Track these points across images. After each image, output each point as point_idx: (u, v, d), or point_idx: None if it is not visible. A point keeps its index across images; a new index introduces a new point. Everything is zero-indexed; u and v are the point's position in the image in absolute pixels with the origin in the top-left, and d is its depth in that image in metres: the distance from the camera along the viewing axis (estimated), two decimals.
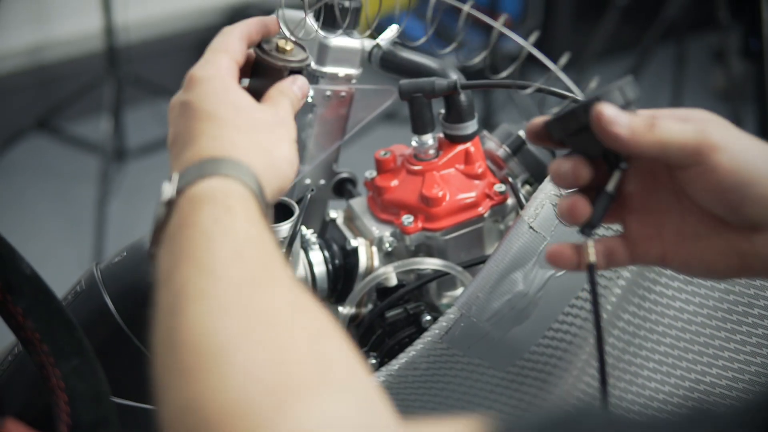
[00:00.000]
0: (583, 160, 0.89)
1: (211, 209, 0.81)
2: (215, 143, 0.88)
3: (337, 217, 1.41)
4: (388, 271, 1.31)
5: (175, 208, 0.83)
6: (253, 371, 0.66)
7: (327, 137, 1.37)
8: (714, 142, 0.82)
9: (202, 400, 0.66)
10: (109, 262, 1.25)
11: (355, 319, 1.35)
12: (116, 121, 3.78)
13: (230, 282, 0.74)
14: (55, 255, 3.61)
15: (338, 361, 0.70)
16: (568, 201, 0.89)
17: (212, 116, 0.91)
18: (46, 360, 0.87)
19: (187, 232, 0.80)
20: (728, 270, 0.87)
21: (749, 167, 0.81)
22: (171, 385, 0.70)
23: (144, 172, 4.00)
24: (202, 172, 0.84)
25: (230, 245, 0.77)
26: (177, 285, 0.75)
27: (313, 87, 1.30)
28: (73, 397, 0.86)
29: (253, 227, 0.81)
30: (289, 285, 0.76)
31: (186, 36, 4.51)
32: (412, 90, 1.27)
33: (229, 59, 0.99)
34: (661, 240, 0.90)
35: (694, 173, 0.84)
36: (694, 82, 4.30)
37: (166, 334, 0.73)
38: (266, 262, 0.78)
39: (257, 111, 0.96)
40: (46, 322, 0.89)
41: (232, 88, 0.97)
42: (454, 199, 1.31)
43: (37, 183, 4.01)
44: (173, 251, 0.79)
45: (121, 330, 1.20)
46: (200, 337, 0.70)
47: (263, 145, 0.92)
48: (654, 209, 0.90)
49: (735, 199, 0.82)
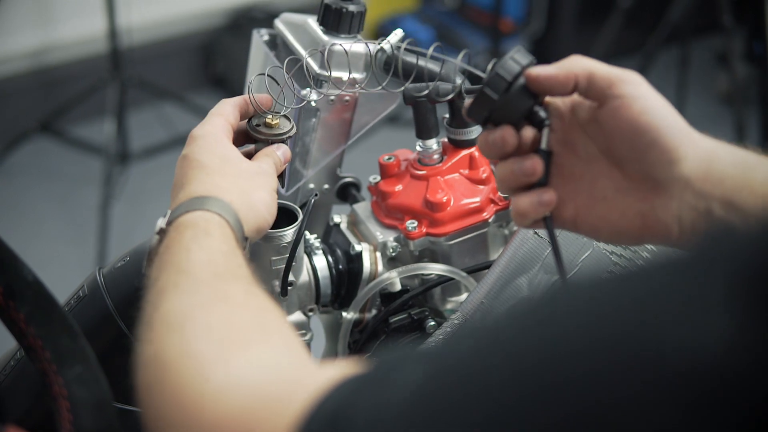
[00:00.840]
0: (509, 127, 0.97)
1: (193, 232, 0.98)
2: (202, 186, 1.06)
3: (341, 222, 1.40)
4: (392, 277, 1.30)
5: (165, 235, 1.02)
6: (206, 330, 0.83)
7: (331, 141, 1.36)
8: (634, 78, 0.93)
9: (163, 353, 0.82)
10: (111, 266, 1.25)
11: (359, 325, 1.35)
12: (119, 124, 3.77)
13: (199, 278, 0.91)
14: (58, 257, 3.60)
15: (277, 329, 0.85)
16: (528, 162, 0.97)
17: (203, 165, 1.10)
18: (49, 367, 0.87)
19: (171, 248, 0.97)
20: (631, 232, 0.95)
21: (658, 115, 0.92)
22: (144, 349, 0.86)
23: (147, 175, 4.00)
24: (189, 207, 1.03)
25: (204, 255, 0.94)
26: (160, 285, 0.92)
27: (317, 91, 1.30)
28: (76, 405, 0.85)
29: (226, 245, 0.98)
30: (248, 281, 0.93)
31: (189, 39, 4.51)
32: (417, 94, 1.27)
33: (223, 121, 1.17)
34: (574, 204, 0.98)
35: (612, 108, 0.93)
36: (697, 85, 4.30)
37: (147, 321, 0.89)
38: (233, 267, 0.94)
39: (242, 162, 1.14)
40: (48, 328, 0.89)
41: (223, 143, 1.14)
42: (459, 204, 1.31)
43: (40, 185, 4.01)
44: (160, 264, 0.97)
45: (124, 335, 1.20)
46: (169, 312, 0.87)
47: (244, 189, 1.09)
48: (568, 175, 0.98)
49: (643, 143, 0.91)
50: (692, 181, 0.90)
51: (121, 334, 1.20)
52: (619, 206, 0.95)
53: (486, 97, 0.96)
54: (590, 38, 4.15)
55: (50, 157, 4.12)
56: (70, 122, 4.12)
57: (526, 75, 0.95)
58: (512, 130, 0.97)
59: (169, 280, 0.92)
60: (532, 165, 0.97)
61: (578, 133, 0.98)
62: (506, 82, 0.95)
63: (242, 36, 4.34)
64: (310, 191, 1.39)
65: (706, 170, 0.90)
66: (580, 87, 0.95)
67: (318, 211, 1.44)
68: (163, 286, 0.91)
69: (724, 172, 0.90)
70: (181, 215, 1.02)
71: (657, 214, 0.93)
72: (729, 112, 3.90)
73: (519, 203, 0.98)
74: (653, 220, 0.93)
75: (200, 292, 0.89)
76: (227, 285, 0.91)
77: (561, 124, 0.99)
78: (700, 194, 0.90)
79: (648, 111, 0.91)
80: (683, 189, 0.91)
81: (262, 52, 1.45)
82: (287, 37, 1.40)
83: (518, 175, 0.98)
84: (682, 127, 0.92)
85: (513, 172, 0.98)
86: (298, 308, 1.32)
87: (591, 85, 0.94)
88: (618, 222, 0.96)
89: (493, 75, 0.95)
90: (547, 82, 0.95)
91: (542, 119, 0.97)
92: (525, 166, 0.97)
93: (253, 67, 1.50)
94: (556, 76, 0.95)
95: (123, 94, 3.75)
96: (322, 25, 1.33)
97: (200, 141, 1.13)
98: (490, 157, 1.01)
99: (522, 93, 0.96)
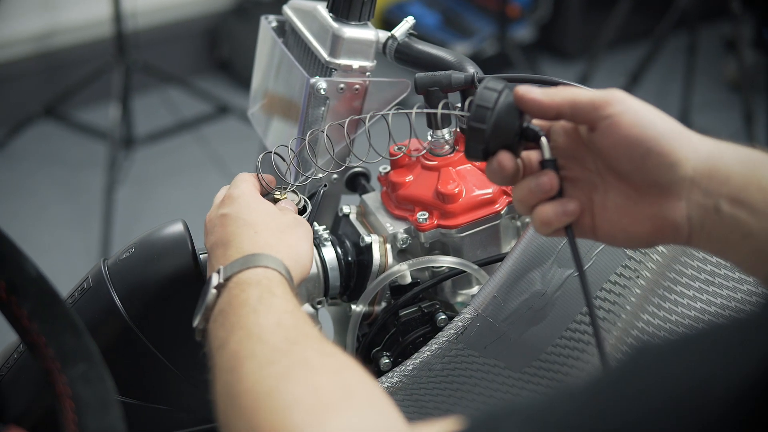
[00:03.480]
0: (504, 152, 0.99)
1: (258, 291, 1.02)
2: (254, 244, 1.10)
3: (350, 213, 1.38)
4: (402, 269, 1.28)
5: (224, 291, 1.05)
6: (295, 401, 0.85)
7: (340, 131, 1.34)
8: (618, 96, 0.95)
9: (260, 429, 0.84)
10: (116, 258, 1.24)
11: (368, 318, 1.33)
12: (124, 108, 3.76)
13: (273, 343, 0.94)
14: (62, 242, 3.60)
15: (358, 387, 0.88)
16: (544, 178, 0.99)
17: (249, 223, 1.14)
18: (53, 365, 0.85)
19: (237, 309, 1.01)
20: (644, 235, 0.97)
21: (647, 125, 0.93)
22: (233, 424, 0.89)
23: (152, 160, 3.99)
24: (246, 264, 1.06)
25: (273, 317, 0.98)
26: (231, 349, 0.95)
27: (327, 80, 1.28)
28: (80, 404, 0.84)
29: (289, 303, 1.01)
30: (319, 340, 0.95)
31: (194, 23, 4.50)
32: (428, 84, 1.24)
33: (252, 185, 1.23)
34: (591, 214, 1.00)
35: (603, 129, 0.95)
36: (705, 72, 4.28)
37: (226, 387, 0.92)
38: (300, 327, 0.97)
39: (282, 216, 1.19)
40: (51, 325, 0.87)
41: (261, 200, 1.20)
42: (471, 195, 1.28)
43: (45, 170, 4.00)
44: (225, 324, 1.00)
45: (129, 328, 1.19)
46: (253, 384, 0.89)
47: (290, 243, 1.14)
48: (583, 186, 1.01)
49: (639, 155, 0.93)
50: (697, 181, 0.92)
51: (126, 327, 1.19)
52: (630, 213, 0.97)
53: (476, 131, 0.98)
54: (598, 24, 4.13)
55: (55, 141, 4.11)
56: (74, 106, 4.11)
57: (514, 93, 0.98)
58: (508, 154, 0.99)
59: (242, 345, 0.95)
60: (549, 181, 0.99)
61: (583, 148, 1.00)
62: (489, 110, 0.98)
63: (248, 20, 4.33)
64: (318, 181, 1.37)
65: (711, 168, 0.91)
66: (564, 115, 0.98)
67: (327, 202, 1.42)
68: (236, 350, 0.95)
69: (730, 169, 0.90)
70: (238, 272, 1.06)
71: (667, 217, 0.94)
72: (737, 99, 3.89)
73: (543, 213, 1.00)
74: (664, 223, 0.95)
75: (277, 360, 0.91)
76: (301, 349, 0.93)
77: (566, 139, 1.01)
78: (707, 193, 0.91)
79: (636, 124, 0.93)
80: (690, 189, 0.92)
81: (269, 39, 1.43)
82: (296, 23, 1.38)
83: (537, 193, 0.99)
84: (675, 130, 0.93)
85: (531, 191, 1.00)
86: (306, 301, 1.31)
87: (576, 112, 0.97)
88: (630, 228, 0.97)
89: (475, 108, 0.98)
90: (532, 102, 0.98)
91: (536, 132, 1.00)
92: (542, 182, 0.99)
93: (260, 54, 1.48)
94: (540, 102, 0.97)
95: (128, 79, 3.74)
96: (331, 11, 1.31)
97: (241, 200, 1.18)
98: (501, 184, 1.05)
99: (507, 115, 0.98)
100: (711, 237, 0.92)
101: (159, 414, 1.25)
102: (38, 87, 4.17)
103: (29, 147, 4.07)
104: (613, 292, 1.22)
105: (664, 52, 3.85)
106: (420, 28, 1.32)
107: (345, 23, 1.29)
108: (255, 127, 1.49)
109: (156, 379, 1.24)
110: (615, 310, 1.23)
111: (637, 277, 1.22)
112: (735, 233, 0.89)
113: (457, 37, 4.39)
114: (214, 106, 4.05)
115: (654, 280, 1.22)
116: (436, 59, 1.28)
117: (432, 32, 4.36)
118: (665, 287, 1.22)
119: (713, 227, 0.91)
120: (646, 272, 1.22)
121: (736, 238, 0.90)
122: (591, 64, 3.90)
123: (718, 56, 4.58)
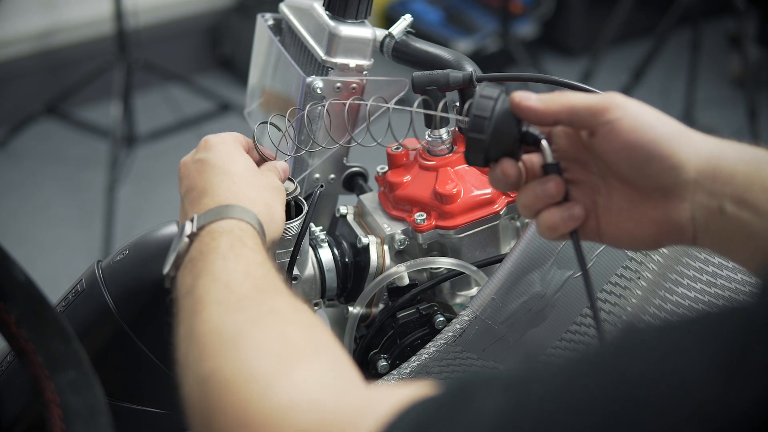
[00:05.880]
0: (506, 159, 0.99)
1: (228, 239, 1.00)
2: (231, 194, 1.08)
3: (347, 213, 1.37)
4: (399, 270, 1.27)
5: (196, 239, 1.03)
6: (261, 348, 0.85)
7: (337, 130, 1.33)
8: (616, 101, 0.94)
9: (221, 371, 0.83)
10: (110, 260, 1.23)
11: (366, 319, 1.32)
12: (126, 106, 3.76)
13: (241, 292, 0.93)
14: (64, 240, 3.60)
15: (325, 343, 0.87)
16: (550, 184, 0.98)
17: (228, 172, 1.12)
18: (41, 372, 0.84)
19: (206, 255, 0.99)
20: (648, 238, 0.97)
21: (647, 128, 0.92)
22: (192, 364, 0.87)
23: (153, 158, 3.98)
24: (221, 214, 1.04)
25: (242, 265, 0.96)
26: (197, 294, 0.94)
27: (323, 79, 1.27)
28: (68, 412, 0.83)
29: (259, 255, 1.00)
30: (289, 295, 0.94)
31: (196, 20, 4.50)
32: (426, 82, 1.23)
33: (236, 138, 1.20)
34: (596, 218, 0.99)
35: (602, 135, 0.94)
36: (709, 68, 4.27)
37: (187, 329, 0.91)
38: (270, 279, 0.96)
39: (262, 175, 1.17)
40: (40, 332, 0.86)
41: (242, 153, 1.17)
42: (469, 195, 1.27)
43: (46, 168, 4.00)
44: (193, 270, 0.98)
45: (123, 331, 1.18)
46: (217, 328, 0.88)
47: (267, 201, 1.12)
48: (587, 190, 1.00)
49: (640, 159, 0.92)
50: (701, 182, 0.91)
51: (120, 329, 1.18)
52: (634, 216, 0.97)
53: (475, 141, 0.98)
54: (600, 20, 4.12)
55: (56, 140, 4.11)
56: (76, 105, 4.12)
57: (510, 101, 0.98)
58: (510, 161, 0.99)
59: (208, 290, 0.94)
60: (555, 187, 0.98)
61: (585, 151, 0.99)
62: (486, 119, 0.97)
63: (249, 18, 4.30)
64: (315, 181, 1.36)
65: (714, 169, 0.90)
66: (562, 122, 0.98)
67: (324, 202, 1.41)
68: (202, 295, 0.93)
69: (734, 169, 0.90)
70: (212, 222, 1.04)
71: (671, 219, 0.94)
72: (741, 95, 3.88)
73: (549, 218, 0.99)
74: (668, 225, 0.94)
75: (248, 307, 0.90)
76: (271, 300, 0.93)
77: (568, 142, 1.00)
78: (711, 193, 0.91)
79: (636, 129, 0.92)
80: (693, 190, 0.92)
81: (266, 37, 1.42)
82: (293, 22, 1.37)
83: (543, 198, 0.99)
84: (675, 131, 0.93)
85: (537, 197, 0.99)
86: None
87: (574, 118, 0.96)
88: (635, 230, 0.97)
89: (472, 118, 0.97)
90: (529, 111, 0.97)
91: (536, 136, 0.99)
92: (548, 188, 0.99)
93: (257, 52, 1.47)
94: (536, 110, 0.97)
95: (129, 76, 3.74)
96: (328, 9, 1.29)
97: (220, 147, 1.16)
98: (505, 191, 1.04)
99: (505, 122, 0.97)
100: (715, 237, 0.92)
101: (155, 417, 1.24)
102: (39, 85, 4.17)
103: (31, 145, 4.07)
104: (614, 293, 1.21)
105: (667, 49, 3.84)
106: (423, 25, 1.32)
107: (341, 21, 1.28)
108: (252, 125, 1.48)
109: (150, 382, 1.22)
110: (616, 311, 1.22)
111: (639, 278, 1.21)
112: (739, 233, 0.89)
113: (459, 34, 4.38)
114: (216, 104, 4.05)
115: (655, 281, 1.21)
116: (433, 58, 1.27)
117: (435, 29, 4.34)
118: (666, 288, 1.21)
119: (718, 228, 0.90)
120: (648, 273, 1.21)
121: (740, 238, 0.89)
122: (594, 61, 3.89)
123: (722, 52, 4.57)
